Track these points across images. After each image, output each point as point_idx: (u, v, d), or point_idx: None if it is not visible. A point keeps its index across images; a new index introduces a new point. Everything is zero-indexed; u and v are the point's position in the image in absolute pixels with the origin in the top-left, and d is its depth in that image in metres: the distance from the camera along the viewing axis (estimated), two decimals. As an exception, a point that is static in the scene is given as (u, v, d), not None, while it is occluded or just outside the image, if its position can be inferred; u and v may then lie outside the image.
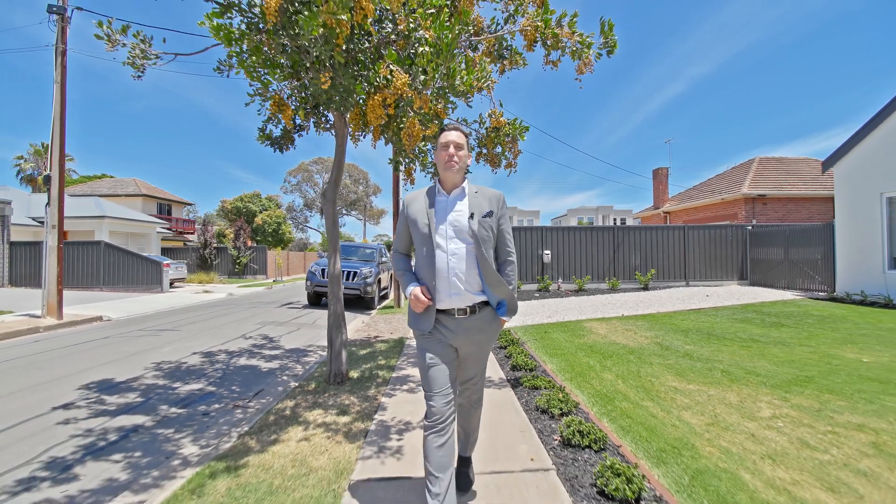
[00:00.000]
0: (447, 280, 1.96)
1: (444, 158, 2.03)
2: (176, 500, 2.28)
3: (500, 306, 2.05)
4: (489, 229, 2.02)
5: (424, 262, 2.01)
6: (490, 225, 2.02)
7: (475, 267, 1.99)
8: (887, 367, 4.44)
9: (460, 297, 1.97)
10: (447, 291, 1.97)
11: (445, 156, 2.02)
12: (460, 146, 2.05)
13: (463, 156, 2.06)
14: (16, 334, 7.99)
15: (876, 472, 2.43)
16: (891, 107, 9.60)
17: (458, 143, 2.04)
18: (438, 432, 1.86)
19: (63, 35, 9.95)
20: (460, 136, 2.07)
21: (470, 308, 1.99)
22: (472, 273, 1.98)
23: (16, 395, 4.26)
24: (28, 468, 2.83)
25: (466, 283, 1.96)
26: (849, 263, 10.43)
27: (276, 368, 5.27)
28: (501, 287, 2.00)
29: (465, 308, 1.99)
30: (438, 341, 1.99)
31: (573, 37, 3.70)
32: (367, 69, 3.41)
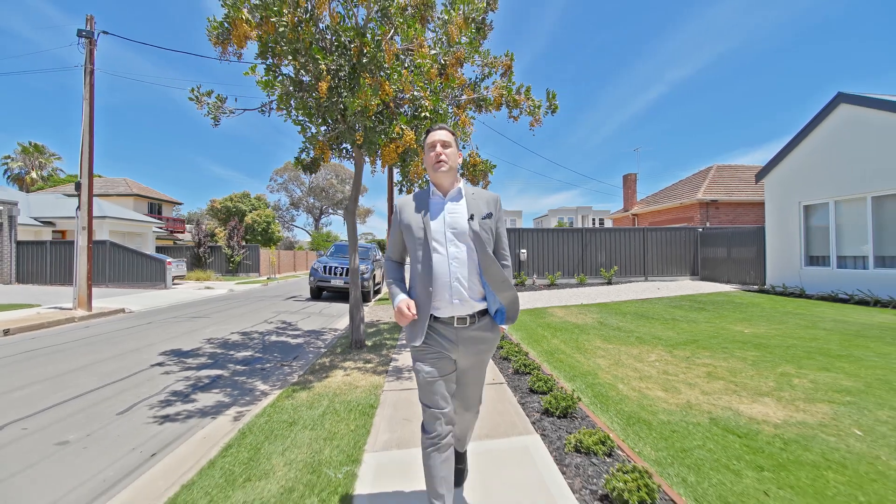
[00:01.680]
0: (448, 286, 1.83)
1: (432, 159, 1.92)
2: (277, 402, 3.76)
3: (498, 314, 1.94)
4: (489, 231, 1.91)
5: (421, 268, 1.87)
6: (490, 227, 1.92)
7: (476, 271, 1.87)
8: (756, 335, 6.14)
9: (462, 305, 1.85)
10: (448, 298, 1.84)
11: (433, 156, 1.91)
12: (447, 144, 1.94)
13: (451, 153, 1.93)
14: (57, 323, 9.22)
15: (699, 384, 4.05)
16: (807, 129, 11.47)
17: (444, 141, 1.93)
18: (439, 448, 1.79)
19: (91, 56, 11.13)
20: (447, 134, 1.95)
21: (470, 317, 1.88)
22: (473, 278, 1.86)
23: (112, 359, 5.64)
24: (161, 395, 4.25)
25: (469, 289, 1.85)
26: (775, 261, 12.32)
27: (303, 343, 6.73)
28: (506, 290, 1.89)
29: (466, 317, 1.87)
30: (436, 353, 1.88)
31: (528, 101, 5.27)
32: (384, 124, 4.91)
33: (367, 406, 3.57)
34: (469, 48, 5.22)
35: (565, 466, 2.50)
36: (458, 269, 1.84)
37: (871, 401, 3.52)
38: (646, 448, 2.77)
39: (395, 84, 4.49)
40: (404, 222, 1.94)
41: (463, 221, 1.87)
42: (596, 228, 15.94)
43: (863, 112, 9.98)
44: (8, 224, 17.78)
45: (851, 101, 10.24)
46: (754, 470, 2.47)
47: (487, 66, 5.76)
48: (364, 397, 3.81)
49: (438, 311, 1.86)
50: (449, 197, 1.93)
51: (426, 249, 1.86)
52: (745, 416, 3.25)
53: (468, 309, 1.86)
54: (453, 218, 1.88)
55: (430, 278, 1.84)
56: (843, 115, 10.50)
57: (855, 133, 10.19)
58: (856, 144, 10.14)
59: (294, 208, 58.14)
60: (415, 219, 1.91)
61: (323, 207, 57.50)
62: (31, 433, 3.34)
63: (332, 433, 3.04)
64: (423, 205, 1.93)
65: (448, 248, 1.86)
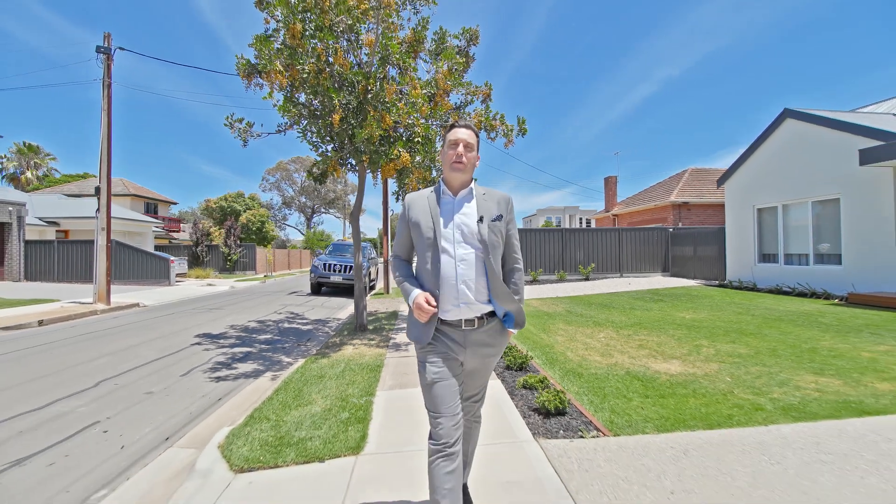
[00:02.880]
0: (455, 288, 1.80)
1: (451, 158, 1.87)
2: (305, 365, 4.88)
3: (506, 317, 1.90)
4: (499, 234, 1.87)
5: (428, 269, 1.84)
6: (500, 230, 1.88)
7: (484, 275, 1.84)
8: (694, 320, 7.37)
9: (469, 308, 1.81)
10: (454, 301, 1.81)
11: (453, 155, 1.87)
12: (470, 146, 1.89)
13: (472, 157, 1.90)
14: (83, 315, 10.20)
15: (629, 351, 5.24)
16: (760, 139, 12.79)
17: (468, 143, 1.88)
18: (447, 457, 1.70)
19: (108, 71, 12.08)
20: (471, 136, 1.90)
21: (478, 319, 1.84)
22: (481, 281, 1.83)
23: (158, 339, 6.70)
24: (208, 364, 5.34)
25: (476, 291, 1.81)
26: (734, 258, 13.66)
27: (312, 329, 7.83)
28: (509, 300, 1.85)
29: (473, 319, 1.83)
30: (444, 355, 1.83)
31: (502, 126, 6.43)
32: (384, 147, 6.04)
33: (375, 366, 4.72)
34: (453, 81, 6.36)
35: (514, 396, 3.66)
36: (466, 272, 1.80)
37: (752, 362, 4.74)
38: (573, 387, 3.95)
39: (394, 116, 5.63)
40: (413, 220, 1.90)
41: (472, 223, 1.83)
42: (575, 229, 17.22)
43: (805, 126, 11.31)
44: (17, 224, 18.55)
45: (795, 116, 11.57)
46: (641, 398, 3.66)
47: (470, 94, 6.91)
48: (372, 361, 4.95)
49: (446, 313, 1.82)
50: (460, 197, 1.89)
51: (434, 250, 1.82)
52: (652, 370, 4.45)
53: (475, 311, 1.82)
54: (462, 219, 1.85)
55: (437, 281, 1.81)
56: (789, 129, 11.84)
57: (798, 144, 11.52)
58: (799, 154, 11.48)
59: (286, 207, 58.76)
60: (424, 218, 1.87)
61: (315, 206, 58.24)
62: (123, 387, 4.43)
63: (351, 381, 4.18)
64: (434, 203, 1.89)
65: (456, 249, 1.82)
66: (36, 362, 5.40)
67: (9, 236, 18.31)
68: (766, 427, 3.00)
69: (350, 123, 5.78)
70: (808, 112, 11.27)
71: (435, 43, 6.83)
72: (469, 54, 7.22)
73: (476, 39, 7.20)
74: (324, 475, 2.55)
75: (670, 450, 2.69)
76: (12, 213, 18.35)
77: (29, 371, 5.00)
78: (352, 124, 5.77)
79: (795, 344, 5.44)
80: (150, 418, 3.63)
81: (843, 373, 4.22)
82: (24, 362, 5.41)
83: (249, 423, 3.22)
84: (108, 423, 3.52)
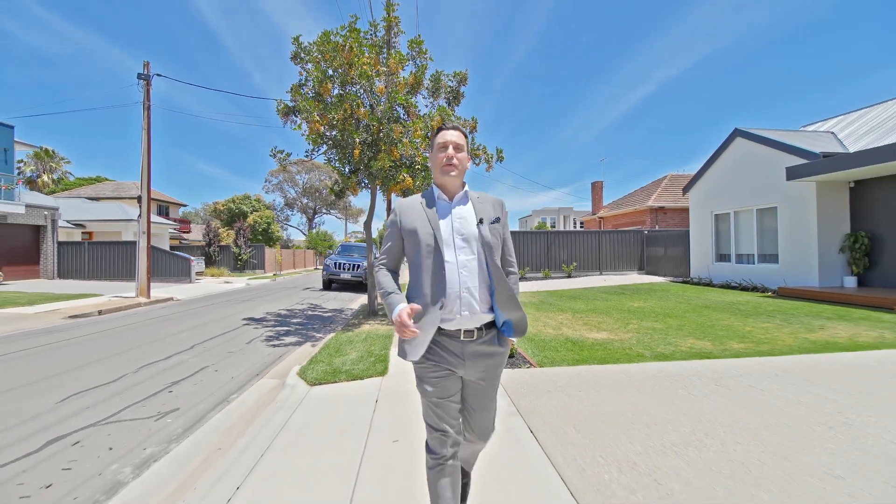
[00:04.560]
0: (458, 296, 1.71)
1: (440, 161, 1.80)
2: (335, 336, 6.68)
3: (506, 326, 1.79)
4: (498, 237, 1.81)
5: (430, 278, 1.73)
6: (498, 232, 1.82)
7: (486, 281, 1.76)
8: (640, 307, 9.17)
9: (472, 317, 1.73)
10: (457, 310, 1.71)
11: (443, 157, 1.80)
12: (460, 147, 1.82)
13: (463, 158, 1.83)
14: (131, 307, 11.97)
15: (575, 327, 7.04)
16: (717, 153, 14.60)
17: (457, 144, 1.81)
18: (444, 471, 1.71)
19: (147, 95, 13.86)
20: (460, 137, 1.84)
21: (477, 329, 1.75)
22: (483, 288, 1.75)
23: (213, 322, 8.50)
24: (261, 337, 7.14)
25: (480, 300, 1.73)
26: (696, 258, 15.48)
27: (332, 315, 9.63)
28: (513, 307, 1.75)
29: (473, 329, 1.74)
30: (442, 370, 1.75)
31: (484, 154, 8.23)
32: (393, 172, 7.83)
33: (388, 336, 6.52)
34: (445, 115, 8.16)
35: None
36: (469, 279, 1.73)
37: (660, 333, 6.54)
38: (524, 346, 5.74)
39: (400, 150, 7.44)
40: (407, 227, 1.81)
41: (472, 226, 1.78)
42: (559, 231, 19.05)
43: (751, 144, 13.13)
44: (51, 227, 20.31)
45: (744, 135, 13.39)
46: (568, 351, 5.46)
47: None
48: (385, 333, 6.76)
49: (446, 323, 1.73)
50: (455, 200, 1.84)
51: (437, 257, 1.73)
52: (585, 337, 6.26)
53: (476, 321, 1.74)
54: (461, 223, 1.79)
55: (443, 289, 1.71)
56: (739, 146, 13.66)
57: (746, 160, 13.34)
58: (747, 168, 13.30)
59: (288, 208, 60.43)
60: (421, 224, 1.78)
61: (316, 207, 59.94)
62: (210, 349, 6.24)
63: (373, 343, 5.99)
64: (429, 208, 1.82)
65: (458, 256, 1.74)
66: (132, 336, 7.20)
67: (44, 238, 20.07)
68: (636, 364, 4.82)
69: (367, 155, 7.58)
70: (753, 132, 13.09)
71: (432, 82, 8.64)
72: (460, 92, 9.04)
73: (465, 81, 9.02)
74: (363, 386, 4.36)
75: (571, 372, 4.51)
76: (47, 216, 20.11)
77: (134, 340, 6.80)
78: (368, 155, 7.57)
79: (702, 323, 7.26)
80: (240, 365, 5.44)
81: (718, 339, 6.04)
82: (122, 335, 7.21)
83: (310, 364, 5.02)
84: (215, 367, 5.34)
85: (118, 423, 3.59)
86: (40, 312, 10.38)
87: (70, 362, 5.47)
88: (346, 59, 6.88)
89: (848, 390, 3.75)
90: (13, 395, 4.23)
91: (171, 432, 3.44)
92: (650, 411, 3.38)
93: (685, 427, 3.07)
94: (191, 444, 3.24)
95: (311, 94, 7.82)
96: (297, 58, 7.89)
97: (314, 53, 7.61)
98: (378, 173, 7.39)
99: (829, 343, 5.64)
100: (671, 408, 3.46)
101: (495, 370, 1.84)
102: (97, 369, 5.14)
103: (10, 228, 18.53)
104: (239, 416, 3.78)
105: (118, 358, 5.70)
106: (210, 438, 3.33)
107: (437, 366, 1.76)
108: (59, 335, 7.30)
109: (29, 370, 5.10)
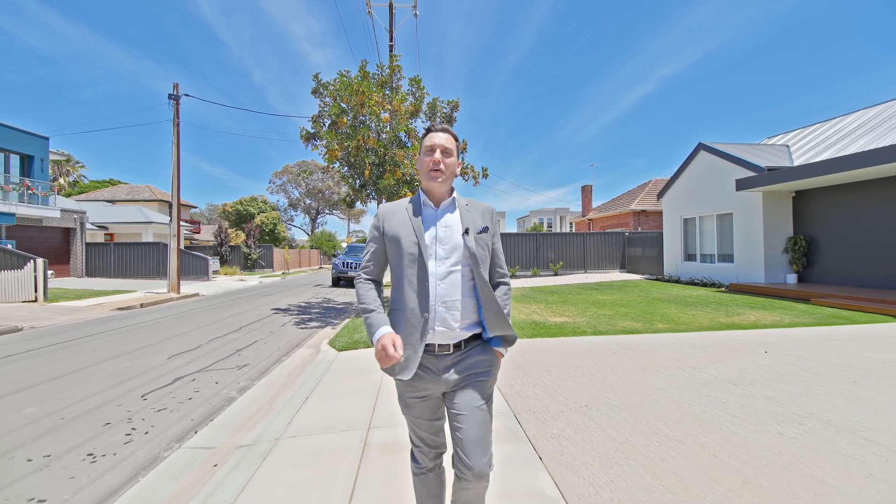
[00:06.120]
0: (434, 310, 1.60)
1: (427, 166, 1.69)
2: (349, 322, 8.40)
3: (494, 339, 1.70)
4: (485, 247, 1.71)
5: (413, 289, 1.63)
6: (486, 242, 1.71)
7: (471, 294, 1.65)
8: (604, 299, 10.87)
9: (450, 333, 1.62)
10: (431, 322, 1.60)
11: (430, 162, 1.68)
12: (448, 151, 1.70)
13: (451, 164, 1.71)
14: (165, 301, 13.69)
15: (542, 314, 8.75)
16: (685, 164, 16.29)
17: (445, 148, 1.69)
18: (425, 478, 1.77)
19: (177, 113, 15.57)
20: (449, 140, 1.72)
21: (455, 344, 1.64)
22: (467, 302, 1.64)
23: (246, 311, 10.23)
24: (290, 323, 8.87)
25: (462, 313, 1.63)
26: (668, 258, 17.18)
27: (343, 307, 11.35)
28: (502, 324, 1.66)
29: (449, 345, 1.63)
30: (422, 394, 1.66)
31: (472, 171, 9.93)
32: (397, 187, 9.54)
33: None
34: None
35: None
36: (448, 292, 1.61)
37: (608, 318, 8.24)
38: (498, 326, 7.46)
39: (402, 170, 9.17)
40: (390, 234, 1.69)
41: (456, 236, 1.66)
42: (547, 233, 20.76)
43: (712, 157, 14.83)
44: (80, 229, 22.06)
45: (706, 149, 15.09)
46: (530, 329, 7.16)
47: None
48: (390, 319, 8.48)
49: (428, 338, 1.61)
50: (442, 208, 1.71)
51: (421, 268, 1.62)
52: (546, 320, 7.96)
53: (454, 337, 1.63)
54: (445, 232, 1.66)
55: (426, 302, 1.60)
56: (702, 158, 15.36)
57: (708, 170, 15.04)
58: (709, 178, 14.99)
59: (292, 209, 62.12)
60: (405, 231, 1.67)
61: (319, 208, 61.64)
62: (253, 330, 7.97)
63: (381, 325, 7.71)
64: (414, 215, 1.69)
65: (438, 266, 1.63)
66: (186, 321, 8.93)
67: (73, 239, 21.83)
68: (577, 337, 6.53)
69: (375, 174, 9.30)
70: (714, 146, 14.79)
71: (429, 108, 10.35)
72: (453, 116, 10.75)
73: (457, 108, 10.75)
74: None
75: (527, 342, 6.23)
76: (76, 220, 21.85)
77: (189, 325, 8.53)
78: (375, 174, 9.29)
79: (646, 311, 8.97)
80: (281, 339, 7.16)
81: (649, 321, 7.74)
82: (176, 322, 8.94)
83: (336, 338, 6.75)
84: (263, 341, 7.07)
85: (213, 371, 5.32)
86: (91, 305, 12.11)
87: (152, 338, 7.20)
88: (359, 100, 8.60)
89: (714, 352, 5.48)
90: (128, 357, 5.96)
91: (251, 375, 5.17)
92: (570, 361, 5.11)
93: (586, 369, 4.80)
94: (267, 381, 4.97)
95: (327, 120, 9.55)
96: (317, 92, 9.62)
97: (331, 89, 9.34)
98: (384, 189, 9.11)
99: (734, 324, 7.35)
100: (584, 360, 5.19)
101: (483, 382, 1.66)
102: (177, 342, 6.88)
103: (45, 231, 20.29)
104: (293, 367, 5.51)
105: (186, 336, 7.44)
106: (277, 379, 5.05)
107: (418, 389, 1.65)
108: (123, 322, 9.03)
109: (124, 344, 6.84)
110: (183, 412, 3.99)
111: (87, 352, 6.29)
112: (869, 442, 2.96)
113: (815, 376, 4.39)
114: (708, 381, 4.25)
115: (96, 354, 6.10)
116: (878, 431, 3.12)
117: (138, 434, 3.51)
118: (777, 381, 4.26)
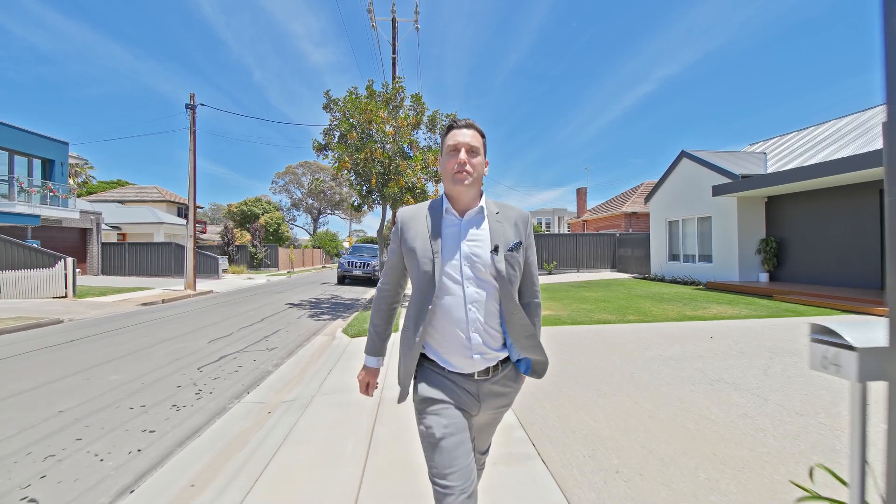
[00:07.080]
0: (466, 336, 1.43)
1: (451, 168, 1.47)
2: (358, 314, 9.46)
3: (522, 361, 1.56)
4: (517, 266, 1.49)
5: (429, 311, 1.45)
6: (518, 260, 1.49)
7: (498, 316, 1.48)
8: (589, 295, 11.90)
9: (484, 359, 1.46)
10: (466, 351, 1.44)
11: (454, 164, 1.46)
12: (475, 150, 1.48)
13: (478, 164, 1.48)
14: (183, 297, 14.71)
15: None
16: (670, 169, 17.32)
17: (471, 147, 1.47)
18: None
19: (193, 121, 16.61)
20: (475, 136, 1.50)
21: (493, 368, 1.49)
22: (495, 324, 1.48)
23: (264, 305, 11.29)
24: (304, 316, 9.93)
25: (493, 338, 1.48)
26: (655, 258, 18.23)
27: (351, 302, 12.40)
28: (534, 348, 1.53)
29: (488, 368, 1.48)
30: (453, 405, 1.45)
31: (467, 181, 10.99)
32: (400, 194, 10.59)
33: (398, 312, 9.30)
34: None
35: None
36: (477, 316, 1.44)
37: (587, 311, 9.27)
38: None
39: (405, 179, 10.23)
40: (408, 243, 1.51)
41: (485, 254, 1.44)
42: (542, 234, 21.84)
43: (693, 164, 15.87)
44: (95, 229, 23.12)
45: (688, 157, 16.13)
46: (517, 320, 8.22)
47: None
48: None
49: (454, 366, 1.46)
50: (468, 219, 1.49)
51: (436, 289, 1.44)
52: (533, 314, 9.01)
53: (490, 361, 1.48)
54: (473, 248, 1.45)
55: (446, 328, 1.45)
56: (685, 164, 16.41)
57: (690, 176, 16.08)
58: (690, 183, 16.04)
59: (294, 209, 63.05)
60: (421, 242, 1.48)
61: (321, 208, 62.56)
62: (273, 322, 9.02)
63: (386, 317, 8.77)
64: (434, 225, 1.49)
65: (466, 287, 1.44)
66: (212, 314, 9.98)
67: (90, 239, 22.89)
68: (556, 326, 7.58)
69: (380, 182, 10.35)
70: (694, 154, 15.84)
71: (429, 121, 11.40)
72: (450, 129, 11.81)
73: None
74: (384, 337, 7.15)
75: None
76: (93, 220, 22.91)
77: (216, 317, 9.58)
78: (381, 182, 10.35)
79: (624, 305, 10.01)
80: (300, 329, 8.22)
81: (623, 314, 8.78)
82: (203, 314, 10.00)
83: (348, 327, 7.80)
84: (285, 330, 8.12)
85: (248, 352, 6.38)
86: (116, 301, 13.15)
87: (188, 328, 8.25)
88: (367, 118, 9.65)
89: (669, 338, 6.53)
90: (174, 341, 7.01)
91: (280, 356, 6.22)
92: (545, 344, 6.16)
93: (555, 349, 5.85)
94: (294, 359, 6.02)
95: (336, 133, 10.61)
96: (328, 108, 10.67)
97: (341, 105, 10.39)
98: (389, 196, 10.16)
99: (697, 317, 8.39)
100: (557, 344, 6.24)
101: (504, 409, 1.58)
102: (210, 331, 7.93)
103: (64, 231, 21.36)
104: (314, 350, 6.56)
105: (217, 326, 8.49)
106: (303, 358, 6.10)
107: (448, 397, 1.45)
108: (152, 315, 10.09)
109: (165, 332, 7.89)
110: (234, 380, 5.05)
111: (140, 336, 7.36)
112: (757, 397, 4.00)
113: (741, 354, 5.44)
114: (654, 358, 5.30)
115: (147, 339, 7.16)
116: (769, 391, 4.16)
117: (205, 394, 4.57)
118: (710, 357, 5.31)
